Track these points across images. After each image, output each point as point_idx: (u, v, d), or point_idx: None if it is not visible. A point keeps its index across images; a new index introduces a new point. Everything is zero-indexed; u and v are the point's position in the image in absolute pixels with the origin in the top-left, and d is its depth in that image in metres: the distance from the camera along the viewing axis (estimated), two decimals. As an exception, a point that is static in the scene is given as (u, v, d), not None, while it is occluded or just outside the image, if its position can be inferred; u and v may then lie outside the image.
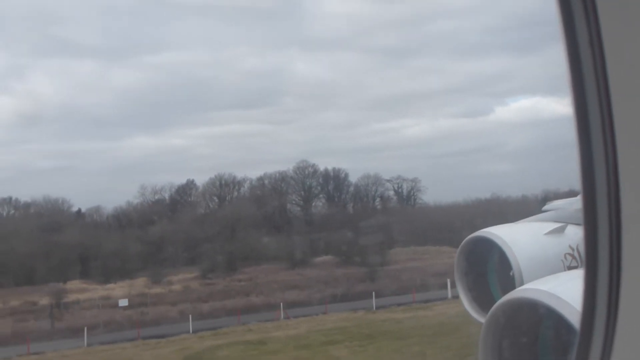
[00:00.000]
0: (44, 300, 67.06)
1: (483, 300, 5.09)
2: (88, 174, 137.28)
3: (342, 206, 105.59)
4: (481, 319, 4.00)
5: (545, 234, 4.98)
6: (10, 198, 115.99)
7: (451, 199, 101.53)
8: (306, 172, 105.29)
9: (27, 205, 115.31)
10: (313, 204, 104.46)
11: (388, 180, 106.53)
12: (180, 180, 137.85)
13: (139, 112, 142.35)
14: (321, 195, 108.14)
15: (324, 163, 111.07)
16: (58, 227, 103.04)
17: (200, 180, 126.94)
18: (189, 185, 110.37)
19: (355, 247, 78.59)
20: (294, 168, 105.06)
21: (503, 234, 4.96)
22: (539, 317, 3.22)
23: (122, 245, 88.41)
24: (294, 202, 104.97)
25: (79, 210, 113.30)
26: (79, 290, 73.87)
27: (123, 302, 50.96)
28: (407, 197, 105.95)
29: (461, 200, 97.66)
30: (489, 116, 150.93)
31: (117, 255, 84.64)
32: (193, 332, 42.72)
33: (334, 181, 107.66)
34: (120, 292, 70.15)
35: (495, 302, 3.41)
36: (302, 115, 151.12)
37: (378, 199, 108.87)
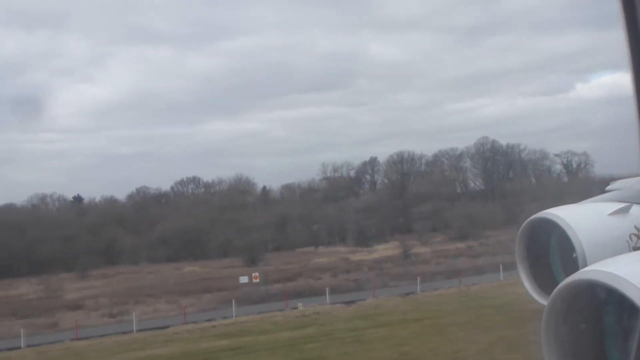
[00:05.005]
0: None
1: (545, 283, 4.71)
2: (167, 158, 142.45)
3: (517, 180, 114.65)
4: (543, 301, 3.58)
5: (609, 214, 4.50)
6: (194, 177, 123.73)
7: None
8: (485, 148, 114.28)
9: (208, 185, 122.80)
10: (495, 177, 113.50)
11: (557, 155, 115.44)
12: (256, 163, 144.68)
13: (215, 97, 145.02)
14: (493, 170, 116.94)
15: (398, 144, 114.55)
16: (265, 202, 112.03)
17: (277, 163, 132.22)
18: (372, 162, 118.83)
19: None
20: (475, 144, 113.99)
21: (565, 214, 4.54)
22: (603, 299, 2.80)
23: (338, 215, 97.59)
24: (478, 175, 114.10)
25: (264, 187, 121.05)
26: (357, 252, 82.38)
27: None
28: (576, 170, 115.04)
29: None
30: (569, 93, 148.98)
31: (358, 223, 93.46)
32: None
33: (504, 157, 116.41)
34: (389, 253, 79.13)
35: (558, 284, 2.96)
36: (377, 97, 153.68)
37: (546, 173, 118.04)
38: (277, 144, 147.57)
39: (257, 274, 44.77)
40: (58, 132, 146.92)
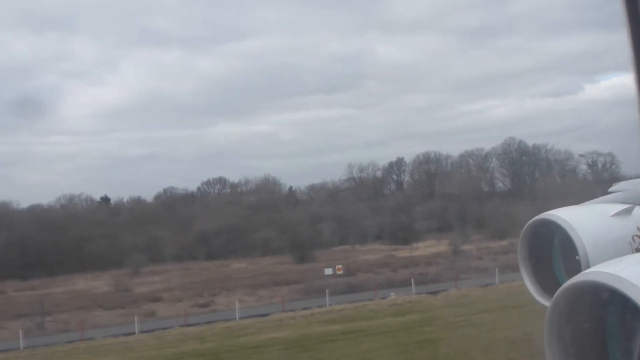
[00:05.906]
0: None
1: (548, 284, 4.30)
2: (177, 160, 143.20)
3: (544, 180, 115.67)
4: (546, 302, 3.00)
5: (612, 215, 4.22)
6: (220, 178, 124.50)
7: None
8: (512, 148, 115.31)
9: (234, 185, 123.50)
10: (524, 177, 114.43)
11: (582, 155, 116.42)
12: (265, 165, 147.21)
13: (224, 99, 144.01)
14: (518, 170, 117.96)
15: (408, 146, 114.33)
16: (295, 202, 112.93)
17: (287, 164, 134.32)
18: (398, 162, 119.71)
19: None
20: (502, 145, 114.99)
21: (568, 216, 4.24)
22: (606, 300, 2.62)
23: (369, 214, 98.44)
24: (506, 175, 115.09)
25: (291, 187, 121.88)
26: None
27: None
28: (601, 171, 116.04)
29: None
30: (578, 95, 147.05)
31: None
32: None
33: (530, 157, 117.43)
34: (434, 249, 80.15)
35: (560, 285, 2.74)
36: (385, 98, 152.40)
37: (571, 173, 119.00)
38: (287, 146, 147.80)
39: (340, 266, 45.63)
40: (68, 135, 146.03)
